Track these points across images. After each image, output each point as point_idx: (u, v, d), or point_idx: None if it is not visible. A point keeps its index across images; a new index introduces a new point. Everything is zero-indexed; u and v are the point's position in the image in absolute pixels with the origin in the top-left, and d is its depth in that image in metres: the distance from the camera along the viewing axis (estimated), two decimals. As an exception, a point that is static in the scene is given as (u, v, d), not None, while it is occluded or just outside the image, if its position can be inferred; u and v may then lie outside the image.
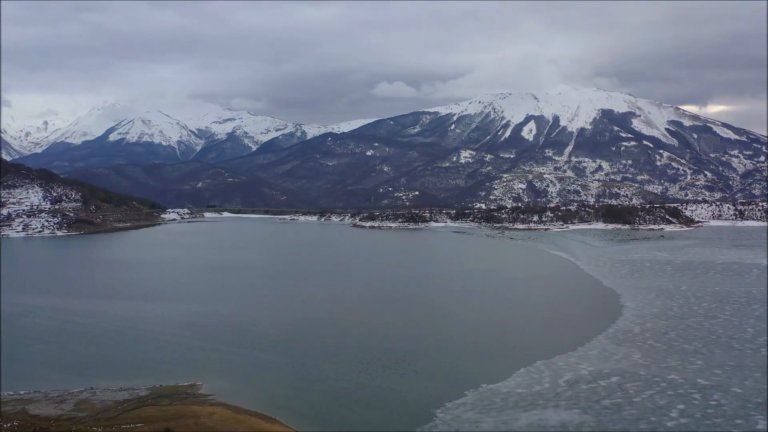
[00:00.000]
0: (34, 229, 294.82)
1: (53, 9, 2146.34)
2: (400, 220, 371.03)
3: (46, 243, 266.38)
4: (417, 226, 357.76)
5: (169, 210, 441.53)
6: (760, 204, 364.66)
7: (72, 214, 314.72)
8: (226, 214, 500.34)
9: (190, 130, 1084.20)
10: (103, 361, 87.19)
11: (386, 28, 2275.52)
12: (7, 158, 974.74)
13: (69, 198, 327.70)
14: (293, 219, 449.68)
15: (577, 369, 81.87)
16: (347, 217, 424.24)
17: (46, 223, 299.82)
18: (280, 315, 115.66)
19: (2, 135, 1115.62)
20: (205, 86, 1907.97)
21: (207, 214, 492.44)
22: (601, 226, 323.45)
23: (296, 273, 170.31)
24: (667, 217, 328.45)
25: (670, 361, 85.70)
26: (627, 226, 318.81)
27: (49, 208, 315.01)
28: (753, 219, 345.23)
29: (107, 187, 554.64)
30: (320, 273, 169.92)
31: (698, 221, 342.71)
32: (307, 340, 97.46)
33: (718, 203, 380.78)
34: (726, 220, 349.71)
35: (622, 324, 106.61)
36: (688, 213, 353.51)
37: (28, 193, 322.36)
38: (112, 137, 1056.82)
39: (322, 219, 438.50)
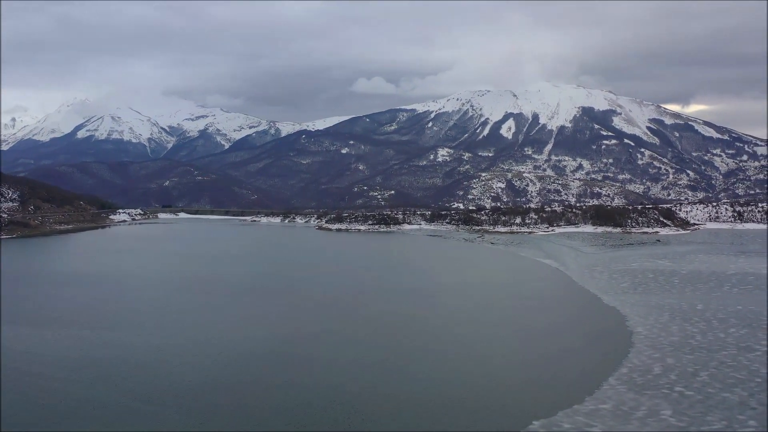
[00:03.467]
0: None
1: (18, 1, 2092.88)
2: (370, 222, 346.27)
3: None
4: (389, 229, 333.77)
5: (120, 210, 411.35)
6: (761, 205, 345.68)
7: (5, 215, 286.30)
8: (182, 215, 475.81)
9: (162, 128, 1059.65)
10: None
11: (366, 23, 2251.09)
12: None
13: (5, 197, 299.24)
14: (255, 221, 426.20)
15: (591, 437, 60.97)
16: (313, 219, 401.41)
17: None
18: (207, 346, 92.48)
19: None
20: (180, 82, 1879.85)
21: (162, 215, 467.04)
22: (589, 229, 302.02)
23: (235, 287, 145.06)
24: (661, 219, 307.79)
25: (711, 419, 64.84)
26: (618, 229, 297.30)
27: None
28: (753, 221, 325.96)
29: (70, 186, 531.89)
30: (266, 287, 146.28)
31: (694, 224, 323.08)
32: (229, 387, 75.22)
33: (714, 204, 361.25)
34: (724, 222, 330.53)
35: (637, 359, 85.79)
36: (683, 215, 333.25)
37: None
38: (81, 134, 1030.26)
39: (286, 220, 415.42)
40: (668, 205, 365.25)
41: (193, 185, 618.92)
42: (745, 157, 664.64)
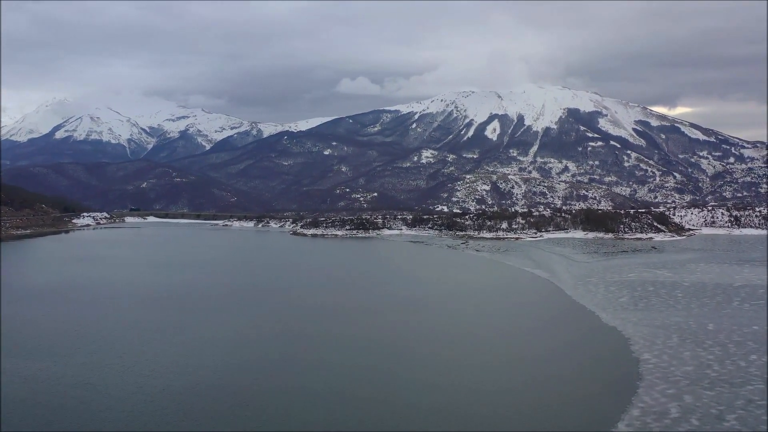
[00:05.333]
0: None
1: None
2: (347, 227, 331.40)
3: None
4: (367, 235, 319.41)
5: (84, 214, 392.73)
6: (758, 209, 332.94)
7: None
8: (151, 219, 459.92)
9: (142, 128, 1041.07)
10: None
11: (351, 23, 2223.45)
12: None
13: None
14: (226, 225, 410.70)
15: None
16: (288, 223, 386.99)
17: None
18: (142, 375, 79.60)
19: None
20: (161, 82, 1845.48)
21: (129, 219, 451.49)
22: (580, 234, 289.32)
23: (186, 301, 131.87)
24: (654, 224, 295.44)
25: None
26: (610, 235, 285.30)
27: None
28: (751, 226, 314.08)
29: (44, 188, 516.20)
30: (221, 301, 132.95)
31: (689, 229, 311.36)
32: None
33: (710, 208, 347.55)
34: (720, 227, 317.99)
35: (649, 397, 73.78)
36: (677, 219, 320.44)
37: None
38: (59, 135, 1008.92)
39: (260, 225, 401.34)
40: (662, 209, 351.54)
41: (171, 187, 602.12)
42: (732, 160, 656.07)
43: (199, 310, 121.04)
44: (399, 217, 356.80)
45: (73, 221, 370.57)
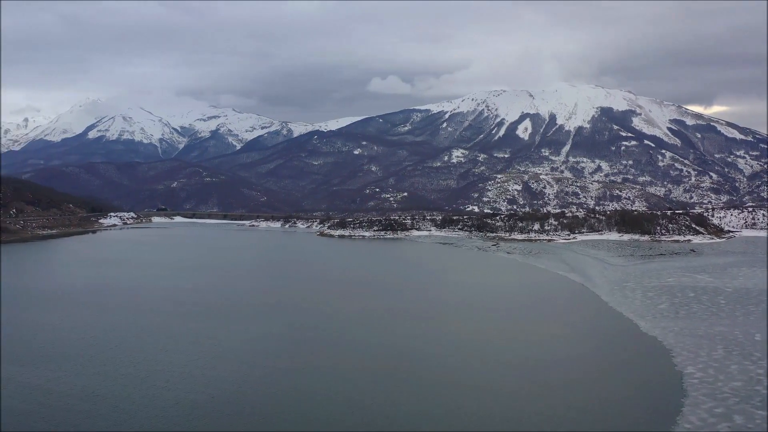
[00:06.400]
0: None
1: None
2: (375, 227, 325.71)
3: None
4: (395, 236, 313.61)
5: (111, 214, 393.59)
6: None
7: None
8: (178, 219, 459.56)
9: (173, 128, 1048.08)
10: None
11: (380, 22, 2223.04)
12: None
13: None
14: (253, 225, 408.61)
15: None
16: (315, 224, 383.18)
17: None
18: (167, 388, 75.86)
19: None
20: (192, 82, 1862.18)
21: (156, 219, 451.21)
22: (615, 236, 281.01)
23: (207, 306, 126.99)
24: (692, 225, 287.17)
25: None
26: (646, 237, 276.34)
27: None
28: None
29: (75, 187, 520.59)
30: (242, 307, 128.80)
31: (729, 231, 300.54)
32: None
33: (750, 209, 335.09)
34: (762, 229, 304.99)
35: (696, 417, 68.35)
36: (716, 221, 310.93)
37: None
38: (92, 135, 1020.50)
39: (287, 225, 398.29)
40: (699, 210, 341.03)
41: (201, 186, 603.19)
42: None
43: (219, 316, 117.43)
44: (428, 217, 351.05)
45: (99, 221, 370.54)
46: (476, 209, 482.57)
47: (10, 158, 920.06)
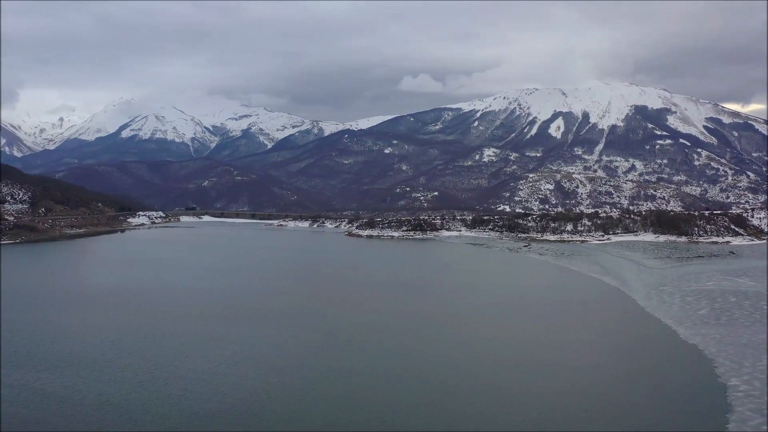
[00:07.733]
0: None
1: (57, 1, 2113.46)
2: (404, 227, 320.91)
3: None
4: (425, 236, 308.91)
5: (139, 213, 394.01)
6: None
7: (12, 218, 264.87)
8: (206, 218, 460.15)
9: (205, 127, 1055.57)
10: None
11: (411, 20, 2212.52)
12: (18, 155, 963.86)
13: (15, 199, 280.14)
14: (281, 225, 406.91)
15: None
16: (344, 224, 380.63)
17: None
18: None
19: (16, 131, 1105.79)
20: (223, 82, 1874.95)
21: (184, 218, 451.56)
22: (650, 237, 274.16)
23: (230, 309, 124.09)
24: (731, 226, 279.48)
25: None
26: (683, 238, 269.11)
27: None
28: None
29: (108, 186, 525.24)
30: (265, 311, 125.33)
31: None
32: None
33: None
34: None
35: (744, 434, 64.34)
36: (755, 222, 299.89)
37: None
38: (125, 134, 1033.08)
39: (315, 225, 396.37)
40: (738, 210, 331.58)
41: (232, 185, 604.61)
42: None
43: (241, 320, 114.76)
44: (458, 217, 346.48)
45: (128, 220, 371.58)
46: (508, 209, 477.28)
47: (45, 157, 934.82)
